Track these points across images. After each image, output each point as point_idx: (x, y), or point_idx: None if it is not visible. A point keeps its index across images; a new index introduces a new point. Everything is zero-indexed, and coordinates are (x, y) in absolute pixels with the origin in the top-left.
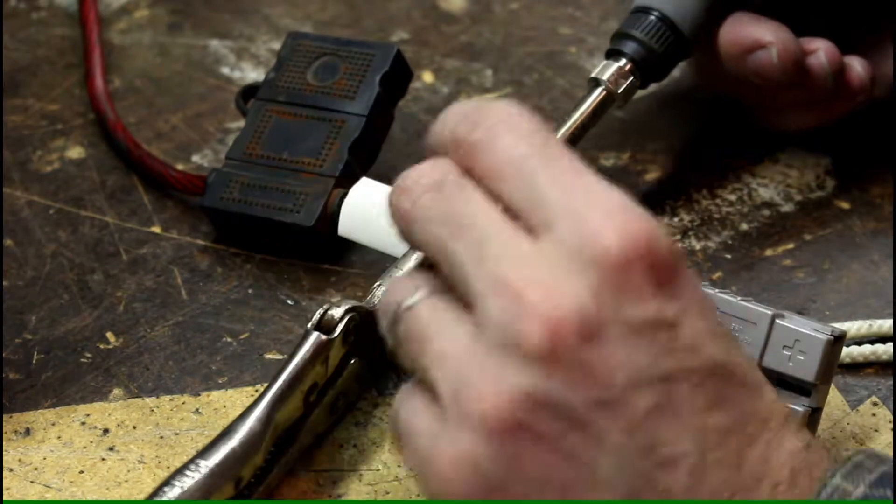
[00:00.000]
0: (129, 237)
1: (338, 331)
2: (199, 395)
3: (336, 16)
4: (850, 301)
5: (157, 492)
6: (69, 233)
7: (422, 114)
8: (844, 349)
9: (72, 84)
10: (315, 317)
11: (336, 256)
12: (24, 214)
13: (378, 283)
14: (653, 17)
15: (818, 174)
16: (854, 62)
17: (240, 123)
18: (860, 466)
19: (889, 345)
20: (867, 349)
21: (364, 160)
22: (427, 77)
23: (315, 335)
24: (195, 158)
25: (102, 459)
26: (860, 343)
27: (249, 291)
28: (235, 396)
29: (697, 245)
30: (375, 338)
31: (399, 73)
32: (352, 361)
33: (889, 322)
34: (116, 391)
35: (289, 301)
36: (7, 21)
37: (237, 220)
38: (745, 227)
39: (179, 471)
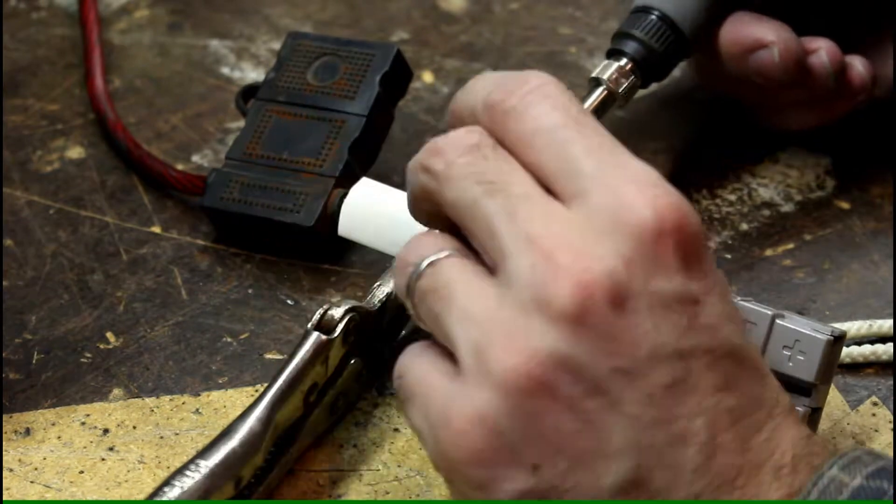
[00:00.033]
0: (129, 237)
1: (338, 331)
2: (199, 395)
3: (336, 16)
4: (850, 301)
5: (157, 492)
6: (69, 233)
7: (422, 114)
8: (844, 349)
9: (72, 84)
10: (315, 317)
11: (336, 256)
12: (24, 214)
13: (378, 283)
14: (653, 17)
15: (818, 174)
16: (855, 61)
17: (240, 123)
18: (858, 460)
19: (889, 345)
20: (867, 349)
21: (364, 160)
22: (427, 77)
23: (315, 335)
24: (195, 158)
25: (102, 459)
26: (860, 343)
27: (249, 291)
28: (235, 396)
29: None
30: (375, 338)
31: (399, 73)
32: (352, 361)
33: (889, 322)
34: (116, 391)
35: (289, 301)
36: (7, 21)
37: (237, 220)
38: (745, 227)
39: (179, 471)
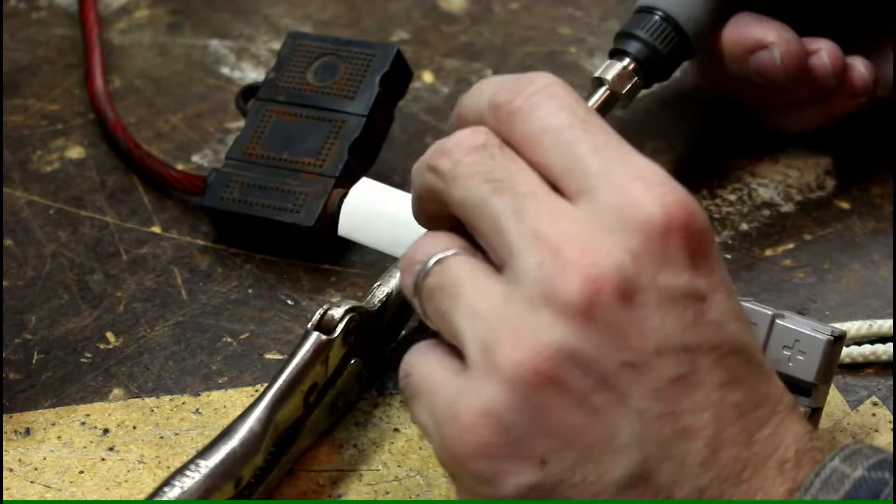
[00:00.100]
0: (129, 237)
1: (338, 331)
2: (199, 395)
3: (336, 16)
4: (850, 301)
5: (157, 492)
6: (69, 233)
7: (422, 114)
8: (844, 349)
9: (72, 84)
10: (315, 317)
11: (336, 256)
12: (24, 214)
13: (378, 283)
14: (657, 17)
15: (818, 174)
16: (857, 62)
17: (240, 123)
18: (859, 452)
19: (889, 345)
20: (867, 349)
21: (364, 160)
22: (427, 77)
23: (315, 335)
24: (195, 158)
25: (102, 459)
26: (860, 343)
27: (249, 291)
28: (235, 396)
29: None
30: (375, 338)
31: (399, 73)
32: (352, 361)
33: (889, 322)
34: (116, 391)
35: (289, 301)
36: (7, 21)
37: (237, 220)
38: (745, 227)
39: (179, 471)
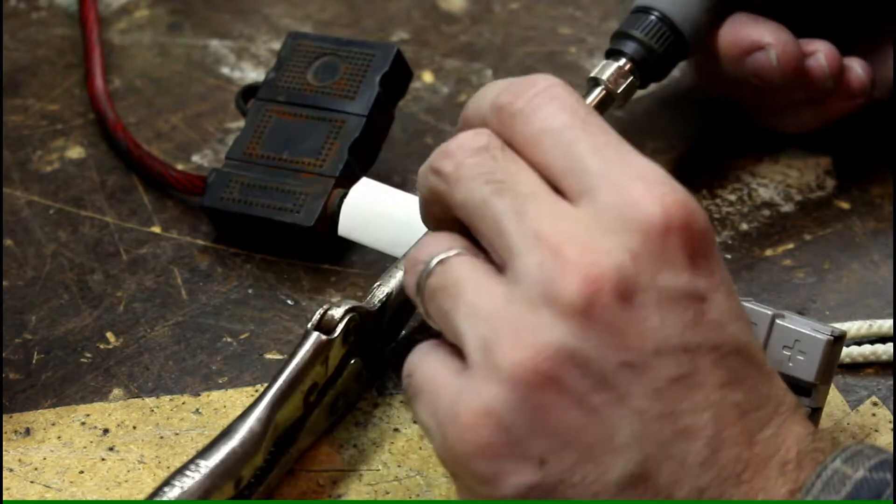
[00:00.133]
0: (129, 237)
1: (338, 331)
2: (199, 395)
3: (336, 16)
4: (850, 301)
5: (157, 492)
6: (69, 233)
7: (422, 114)
8: (844, 349)
9: (72, 84)
10: (315, 317)
11: (336, 256)
12: (24, 214)
13: (378, 283)
14: (653, 17)
15: (818, 174)
16: (854, 64)
17: (240, 123)
18: (860, 453)
19: (889, 345)
20: (867, 349)
21: (364, 160)
22: (427, 77)
23: (315, 335)
24: (195, 158)
25: (102, 459)
26: (860, 343)
27: (249, 291)
28: (235, 396)
29: None
30: (375, 338)
31: (399, 73)
32: (352, 361)
33: (889, 322)
34: (116, 391)
35: (289, 301)
36: (7, 21)
37: (237, 220)
38: (745, 227)
39: (179, 471)
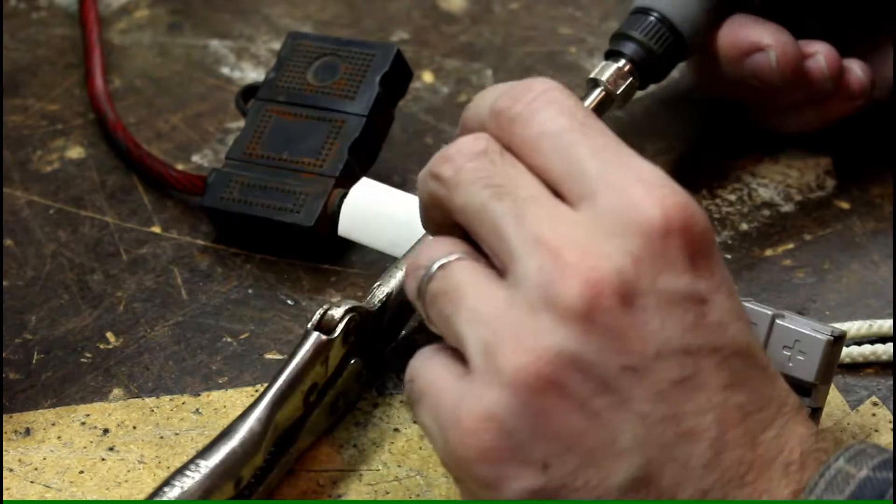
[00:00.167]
0: (129, 237)
1: (338, 331)
2: (199, 395)
3: (336, 16)
4: (850, 301)
5: (157, 492)
6: (69, 233)
7: (422, 114)
8: (844, 349)
9: (72, 84)
10: (315, 317)
11: (336, 256)
12: (24, 214)
13: (378, 283)
14: (652, 18)
15: (818, 174)
16: (853, 65)
17: (240, 123)
18: (863, 452)
19: (889, 345)
20: (867, 349)
21: (364, 160)
22: (427, 77)
23: (315, 335)
24: (195, 158)
25: (102, 459)
26: (860, 343)
27: (249, 291)
28: (235, 396)
29: None
30: (375, 338)
31: (399, 73)
32: (352, 361)
33: (889, 322)
34: (116, 391)
35: (289, 301)
36: (7, 21)
37: (237, 220)
38: (745, 227)
39: (179, 471)
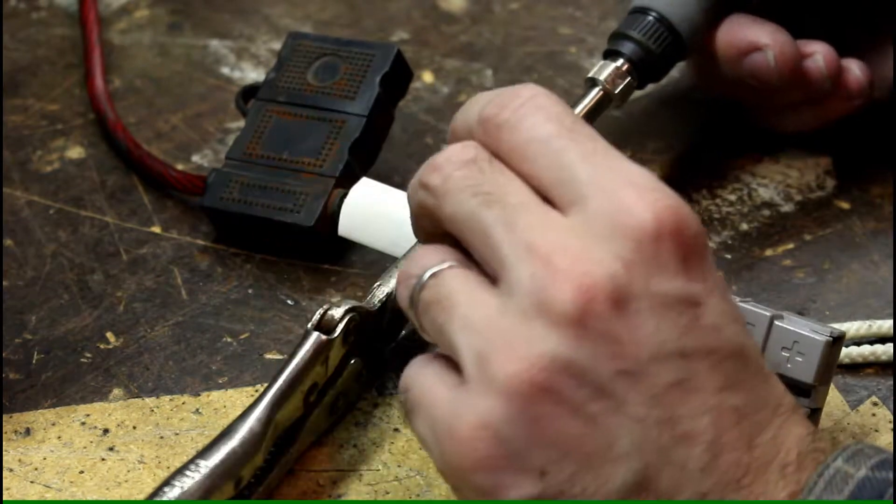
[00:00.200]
0: (129, 237)
1: (338, 331)
2: (199, 395)
3: (336, 16)
4: (850, 301)
5: (157, 492)
6: (69, 233)
7: (422, 114)
8: (844, 349)
9: (72, 84)
10: (315, 317)
11: (336, 256)
12: (24, 214)
13: (378, 283)
14: (651, 18)
15: (818, 174)
16: (852, 65)
17: (240, 123)
18: (860, 452)
19: (889, 345)
20: (867, 349)
21: (364, 160)
22: (427, 77)
23: (315, 335)
24: (195, 158)
25: (102, 459)
26: (860, 343)
27: (249, 291)
28: (235, 396)
29: None
30: (375, 338)
31: (399, 73)
32: (352, 361)
33: (889, 322)
34: (116, 391)
35: (289, 301)
36: (7, 21)
37: (237, 220)
38: (745, 227)
39: (179, 471)
